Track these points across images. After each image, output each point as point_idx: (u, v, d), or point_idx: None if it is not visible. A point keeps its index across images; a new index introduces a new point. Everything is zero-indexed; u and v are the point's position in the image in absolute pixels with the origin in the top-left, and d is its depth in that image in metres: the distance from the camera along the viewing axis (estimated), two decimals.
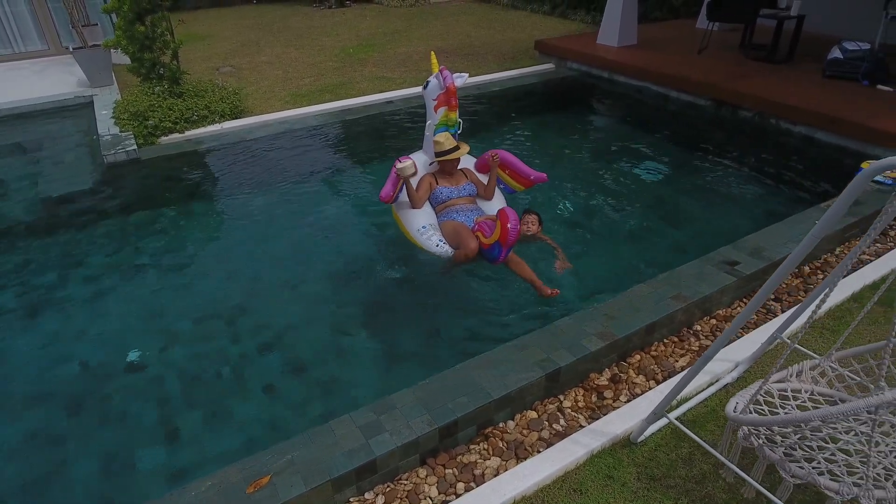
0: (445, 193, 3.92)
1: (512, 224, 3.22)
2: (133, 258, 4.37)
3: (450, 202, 3.90)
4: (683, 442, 2.55)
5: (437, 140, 3.87)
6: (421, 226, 3.76)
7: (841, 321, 3.29)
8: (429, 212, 3.91)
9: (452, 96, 3.86)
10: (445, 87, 3.86)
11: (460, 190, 3.95)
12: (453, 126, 3.98)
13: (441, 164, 3.95)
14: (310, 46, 10.46)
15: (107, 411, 3.12)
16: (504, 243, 3.31)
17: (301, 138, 6.37)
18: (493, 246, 3.40)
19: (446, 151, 3.86)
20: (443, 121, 3.97)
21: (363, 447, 2.47)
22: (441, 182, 3.97)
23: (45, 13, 9.18)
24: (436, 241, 3.64)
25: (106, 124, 6.21)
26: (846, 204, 1.41)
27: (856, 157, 5.24)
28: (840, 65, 6.50)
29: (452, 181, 3.98)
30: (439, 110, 3.97)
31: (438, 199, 3.94)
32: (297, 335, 3.61)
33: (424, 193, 3.92)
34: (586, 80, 8.16)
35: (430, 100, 4.02)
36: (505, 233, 3.26)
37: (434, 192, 3.95)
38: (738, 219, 4.73)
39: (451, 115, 3.93)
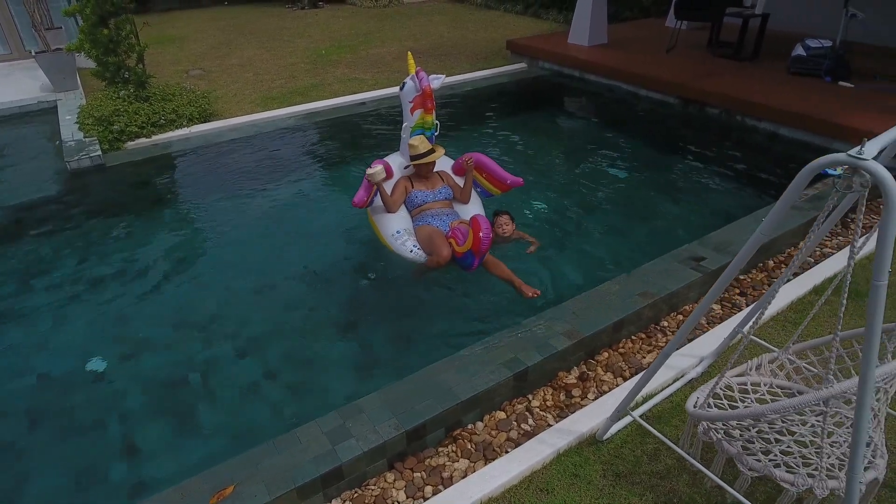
0: (421, 197, 3.89)
1: (484, 233, 3.22)
2: (98, 267, 4.27)
3: (425, 206, 3.87)
4: (648, 438, 2.57)
5: (411, 143, 3.83)
6: (395, 230, 3.74)
7: (802, 314, 3.35)
8: (404, 216, 3.88)
9: (429, 98, 3.83)
10: (421, 90, 3.82)
11: (436, 194, 3.91)
12: (430, 128, 3.95)
13: (416, 167, 3.91)
14: (281, 48, 10.36)
15: (70, 424, 3.04)
16: (476, 252, 3.29)
17: (271, 141, 6.30)
18: (465, 254, 3.38)
19: (421, 155, 3.82)
20: (419, 123, 3.94)
21: (329, 453, 2.45)
22: (417, 186, 3.94)
23: (7, 16, 8.95)
24: (409, 246, 3.62)
25: (70, 130, 6.07)
26: (788, 203, 1.43)
27: (818, 151, 5.26)
28: (803, 62, 6.63)
29: (428, 185, 3.95)
30: (415, 112, 3.94)
31: (414, 202, 3.90)
32: (267, 341, 3.56)
33: (399, 197, 3.89)
34: (558, 80, 8.21)
35: (407, 102, 3.99)
36: (477, 241, 3.24)
37: (409, 196, 3.91)
38: (705, 215, 4.80)
39: (427, 117, 3.90)
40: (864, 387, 1.39)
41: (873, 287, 1.32)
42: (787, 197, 1.45)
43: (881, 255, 1.28)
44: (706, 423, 2.05)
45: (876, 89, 6.15)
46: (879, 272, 1.29)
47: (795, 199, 1.46)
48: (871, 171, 1.25)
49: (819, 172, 4.29)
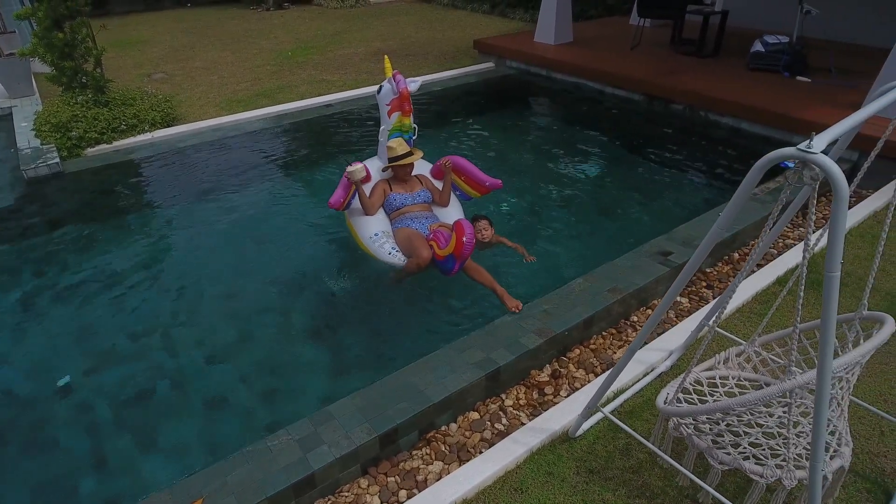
0: (399, 200, 3.84)
1: (468, 237, 3.18)
2: (59, 277, 4.14)
3: (404, 209, 3.83)
4: (620, 433, 2.60)
5: (389, 146, 3.80)
6: (373, 233, 3.69)
7: (767, 305, 3.43)
8: (382, 219, 3.83)
9: (406, 101, 3.82)
10: (399, 92, 3.81)
11: (415, 196, 3.88)
12: (408, 131, 3.94)
13: (394, 170, 3.88)
14: (247, 50, 10.21)
15: (35, 440, 2.95)
16: (458, 256, 3.25)
17: (237, 145, 6.19)
18: (447, 258, 3.33)
19: (398, 157, 3.79)
20: (396, 126, 3.93)
21: (300, 461, 2.41)
22: (395, 188, 3.90)
23: None
24: (388, 248, 3.57)
25: (26, 137, 5.88)
26: (742, 198, 1.45)
27: (778, 145, 5.36)
28: (762, 58, 6.79)
29: (406, 188, 3.91)
30: (393, 115, 3.92)
31: (392, 205, 3.86)
32: (237, 348, 3.49)
33: (378, 200, 3.84)
34: (525, 78, 8.26)
35: (384, 104, 3.96)
36: (460, 246, 3.20)
37: (388, 199, 3.87)
38: (672, 209, 4.87)
39: (405, 120, 3.89)
40: (822, 378, 1.42)
41: (827, 278, 1.34)
42: (741, 193, 1.48)
43: (833, 246, 1.30)
44: (676, 418, 2.08)
45: (831, 84, 6.34)
46: (832, 264, 1.32)
47: (748, 194, 1.49)
48: (820, 164, 1.27)
49: (779, 165, 4.38)
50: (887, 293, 3.50)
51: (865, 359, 1.75)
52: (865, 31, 7.93)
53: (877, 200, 4.59)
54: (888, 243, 4.02)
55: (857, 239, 4.07)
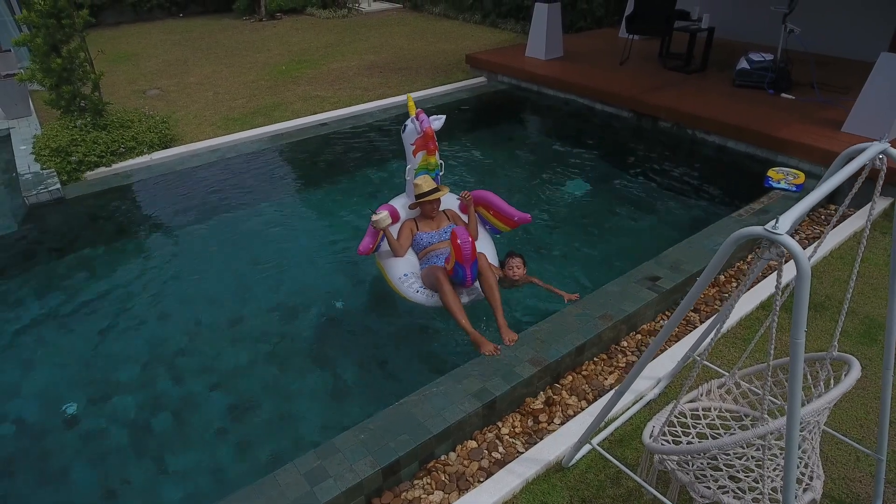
0: (426, 239, 3.90)
1: (462, 238, 3.25)
2: (63, 306, 4.24)
3: (431, 247, 3.87)
4: (610, 463, 2.73)
5: (416, 183, 3.88)
6: (402, 273, 3.74)
7: (751, 330, 3.58)
8: (412, 259, 3.89)
9: (430, 140, 3.87)
10: (423, 132, 3.86)
11: (441, 234, 3.92)
12: (434, 170, 4.00)
13: (422, 206, 3.94)
14: (241, 64, 10.29)
15: (44, 470, 3.06)
16: (461, 260, 3.31)
17: (234, 167, 6.30)
18: (455, 269, 3.39)
19: (425, 194, 3.85)
20: (422, 165, 3.99)
21: (308, 495, 2.53)
22: (422, 227, 3.95)
23: None
24: (416, 287, 3.63)
25: (26, 161, 5.95)
26: (716, 269, 1.59)
27: (763, 163, 5.64)
28: (747, 75, 6.96)
29: (433, 225, 3.97)
30: (418, 154, 3.98)
31: (420, 245, 3.91)
32: (239, 376, 3.61)
33: (406, 241, 3.89)
34: (516, 94, 8.40)
35: (409, 144, 4.03)
36: (458, 250, 3.27)
37: (415, 239, 3.93)
38: (660, 229, 5.03)
39: (430, 158, 3.95)
40: (790, 426, 1.56)
41: (792, 344, 1.48)
42: (714, 264, 1.61)
43: (797, 316, 1.44)
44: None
45: (815, 101, 6.52)
46: (796, 331, 1.46)
47: (720, 265, 1.62)
48: (785, 245, 1.41)
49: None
50: (865, 316, 3.66)
51: (833, 403, 1.89)
52: (849, 45, 8.13)
53: (858, 220, 4.76)
54: (867, 266, 4.19)
55: (837, 261, 4.24)
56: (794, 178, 5.16)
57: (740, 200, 5.14)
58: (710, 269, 1.62)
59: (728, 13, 9.01)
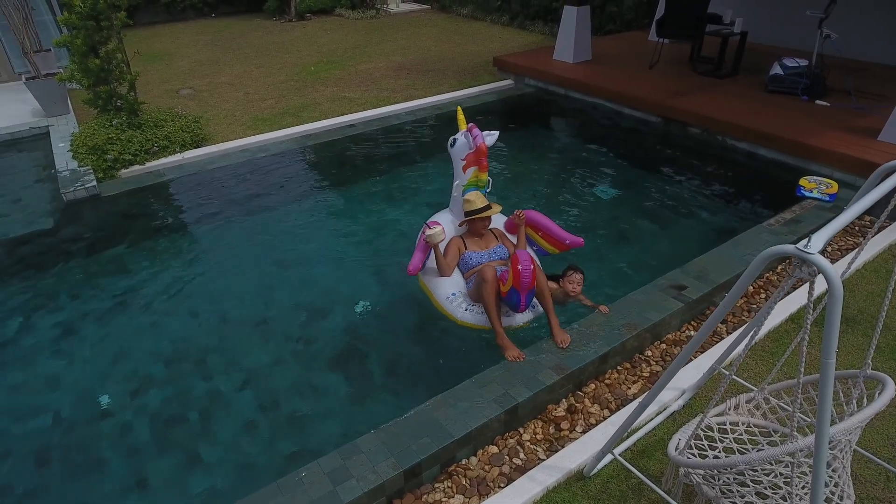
0: (475, 259, 3.73)
1: (523, 265, 3.10)
2: (98, 300, 4.37)
3: (479, 268, 3.68)
4: (633, 474, 2.72)
5: (467, 199, 3.73)
6: (450, 293, 3.63)
7: (779, 343, 3.52)
8: (458, 279, 3.76)
9: (483, 156, 3.75)
10: (476, 147, 3.73)
11: (490, 254, 3.77)
12: (483, 186, 3.88)
13: (471, 224, 3.79)
14: (270, 65, 10.44)
15: (79, 461, 3.16)
16: (519, 287, 3.18)
17: (263, 166, 6.41)
18: (510, 293, 3.25)
19: (477, 210, 3.70)
20: (472, 181, 3.85)
21: (331, 494, 2.57)
22: (470, 246, 3.80)
23: None
24: (465, 307, 3.54)
25: (64, 158, 6.14)
26: (745, 285, 1.58)
27: (795, 172, 5.54)
28: (780, 81, 6.83)
29: (482, 244, 3.83)
30: (468, 170, 3.84)
31: (468, 265, 3.74)
32: (265, 374, 3.68)
33: (453, 260, 3.74)
34: (544, 97, 8.37)
35: (459, 159, 3.88)
36: (517, 275, 3.12)
37: (463, 258, 3.77)
38: (687, 237, 4.97)
39: (482, 175, 3.82)
40: (819, 446, 1.55)
41: (823, 364, 1.47)
42: (743, 282, 1.60)
43: (828, 337, 1.43)
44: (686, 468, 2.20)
45: (850, 108, 6.36)
46: (828, 352, 1.44)
47: (748, 285, 1.61)
48: (817, 265, 1.40)
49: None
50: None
51: (865, 423, 1.86)
52: (887, 51, 7.92)
53: (893, 232, 4.64)
54: None
55: (871, 274, 4.14)
56: (827, 188, 5.05)
57: (770, 209, 5.05)
58: (739, 285, 1.61)
59: (762, 17, 8.84)
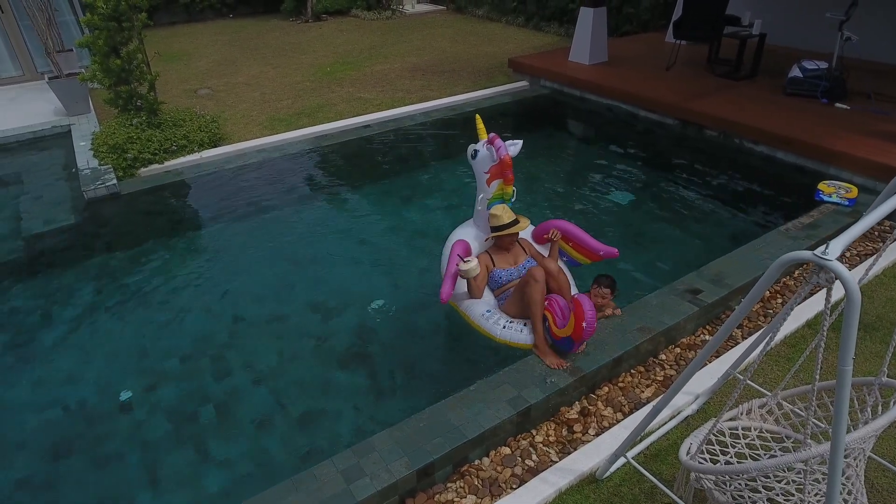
0: (505, 277, 3.64)
1: (588, 323, 2.97)
2: (117, 296, 4.45)
3: (509, 285, 3.64)
4: (646, 477, 2.72)
5: (494, 213, 3.59)
6: (485, 310, 3.55)
7: (796, 348, 3.49)
8: (488, 296, 3.69)
9: (508, 169, 3.58)
10: (500, 160, 3.58)
11: (520, 270, 3.67)
12: (509, 199, 3.75)
13: (498, 239, 3.68)
14: (287, 65, 10.53)
15: (97, 454, 3.22)
16: (577, 340, 3.11)
17: (279, 166, 6.47)
18: (564, 339, 3.18)
19: (505, 226, 3.59)
20: (498, 194, 3.71)
21: (344, 492, 2.60)
22: (498, 262, 3.69)
23: (18, 38, 9.14)
24: (503, 324, 3.44)
25: (85, 157, 6.25)
26: (761, 292, 1.58)
27: (814, 176, 5.48)
28: (799, 83, 6.76)
29: (510, 259, 3.72)
30: (493, 183, 3.68)
31: (497, 282, 3.66)
32: (280, 371, 3.73)
33: (482, 282, 3.62)
34: (559, 99, 8.35)
35: (482, 172, 3.71)
36: (579, 331, 3.02)
37: (491, 276, 3.66)
38: (703, 241, 4.94)
39: (507, 188, 3.68)
40: (834, 461, 1.54)
41: (840, 372, 1.46)
42: (760, 287, 1.60)
43: (845, 344, 1.43)
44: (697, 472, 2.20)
45: (870, 112, 6.28)
46: (845, 358, 1.44)
47: (764, 292, 1.61)
48: (835, 271, 1.40)
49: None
50: None
51: (880, 431, 1.85)
52: None
53: None
54: None
55: (891, 280, 4.09)
56: (846, 192, 4.99)
57: (788, 214, 5.01)
58: (756, 291, 1.60)
59: (781, 19, 8.75)
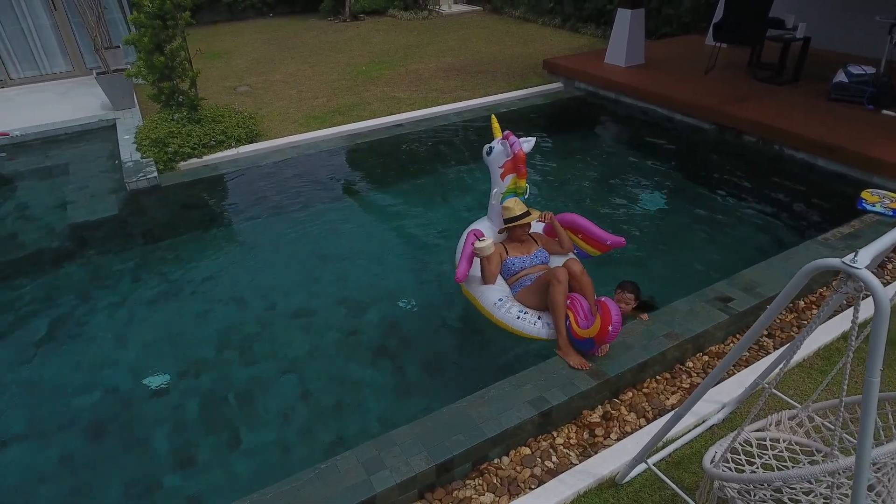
0: (518, 265, 3.77)
1: (614, 327, 3.00)
2: (154, 285, 4.60)
3: (522, 273, 3.75)
4: (667, 484, 2.69)
5: (506, 206, 3.78)
6: (497, 299, 3.62)
7: (829, 361, 3.40)
8: (501, 284, 3.78)
9: (522, 163, 3.77)
10: (514, 155, 3.78)
11: (532, 258, 3.80)
12: (522, 193, 3.92)
13: (512, 230, 3.84)
14: (323, 63, 10.70)
15: (131, 435, 3.35)
16: (599, 342, 3.15)
17: (313, 163, 6.59)
18: (586, 340, 3.19)
19: (517, 217, 3.75)
20: (511, 188, 3.91)
21: (364, 483, 2.65)
22: (511, 252, 3.83)
23: (70, 35, 9.51)
24: (516, 312, 3.50)
25: (128, 150, 6.48)
26: (787, 298, 1.55)
27: (856, 185, 5.30)
28: (845, 89, 6.55)
29: (523, 249, 3.85)
30: (507, 178, 3.88)
31: (510, 270, 3.78)
32: (306, 363, 3.81)
33: (496, 268, 3.74)
34: (593, 101, 8.28)
35: (496, 167, 3.92)
36: (603, 335, 3.06)
37: (505, 264, 3.80)
38: (736, 249, 4.83)
39: (521, 182, 3.85)
40: (859, 473, 1.51)
41: (867, 383, 1.43)
42: (787, 293, 1.57)
43: (874, 354, 1.39)
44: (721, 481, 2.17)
45: None
46: (872, 370, 1.41)
47: (790, 299, 1.58)
48: (863, 280, 1.37)
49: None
50: None
51: None
52: None
53: None
54: None
55: None
56: (890, 202, 4.82)
57: (828, 223, 4.85)
58: (781, 298, 1.58)
59: (827, 22, 8.48)
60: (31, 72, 9.49)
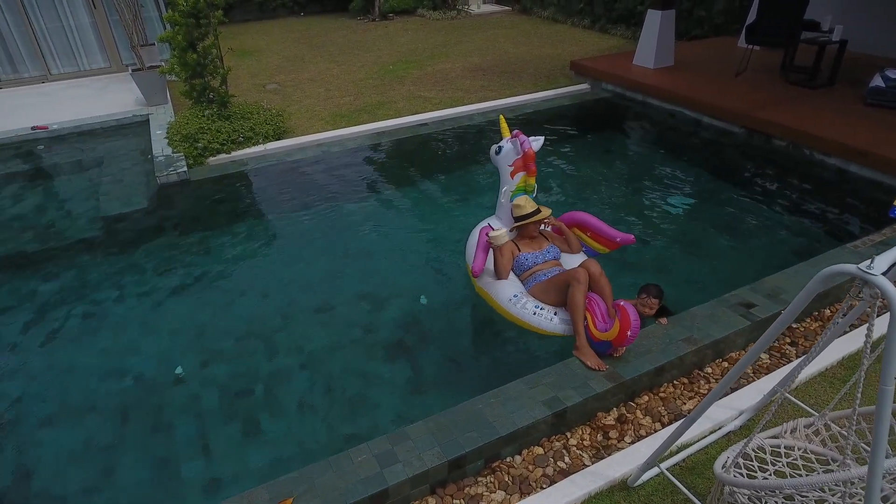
0: (530, 260, 3.81)
1: (633, 331, 3.02)
2: (180, 276, 4.73)
3: (535, 268, 3.79)
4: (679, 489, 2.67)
5: (517, 204, 3.83)
6: (512, 295, 3.66)
7: (852, 370, 3.32)
8: (514, 280, 3.83)
9: (531, 161, 3.84)
10: (523, 153, 3.85)
11: (545, 254, 3.84)
12: (532, 191, 3.98)
13: (522, 228, 3.88)
14: (351, 62, 10.82)
15: (154, 422, 3.45)
16: (617, 345, 3.17)
17: (338, 160, 6.68)
18: (603, 343, 3.21)
19: (528, 215, 3.78)
20: (521, 186, 3.97)
21: (377, 476, 2.69)
22: (523, 248, 3.86)
23: (108, 33, 9.81)
24: (531, 308, 3.53)
25: (160, 145, 6.66)
26: (801, 304, 1.53)
27: (890, 192, 5.16)
28: (882, 94, 6.38)
29: (534, 245, 3.89)
30: (516, 176, 3.94)
31: (523, 266, 3.82)
32: (325, 357, 3.87)
33: (508, 262, 3.80)
34: (620, 103, 8.20)
35: (506, 165, 3.98)
36: (622, 339, 3.08)
37: (517, 260, 3.84)
38: (762, 255, 4.75)
39: (530, 180, 3.92)
40: (872, 483, 1.48)
41: (881, 391, 1.41)
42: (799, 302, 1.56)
43: (888, 362, 1.37)
44: (732, 486, 2.15)
45: None
46: (886, 378, 1.39)
47: (804, 305, 1.56)
48: (879, 286, 1.35)
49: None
50: None
51: None
52: None
53: None
54: None
55: None
56: None
57: (858, 231, 4.75)
58: (796, 304, 1.56)
59: (864, 25, 8.25)
60: (70, 68, 9.81)
